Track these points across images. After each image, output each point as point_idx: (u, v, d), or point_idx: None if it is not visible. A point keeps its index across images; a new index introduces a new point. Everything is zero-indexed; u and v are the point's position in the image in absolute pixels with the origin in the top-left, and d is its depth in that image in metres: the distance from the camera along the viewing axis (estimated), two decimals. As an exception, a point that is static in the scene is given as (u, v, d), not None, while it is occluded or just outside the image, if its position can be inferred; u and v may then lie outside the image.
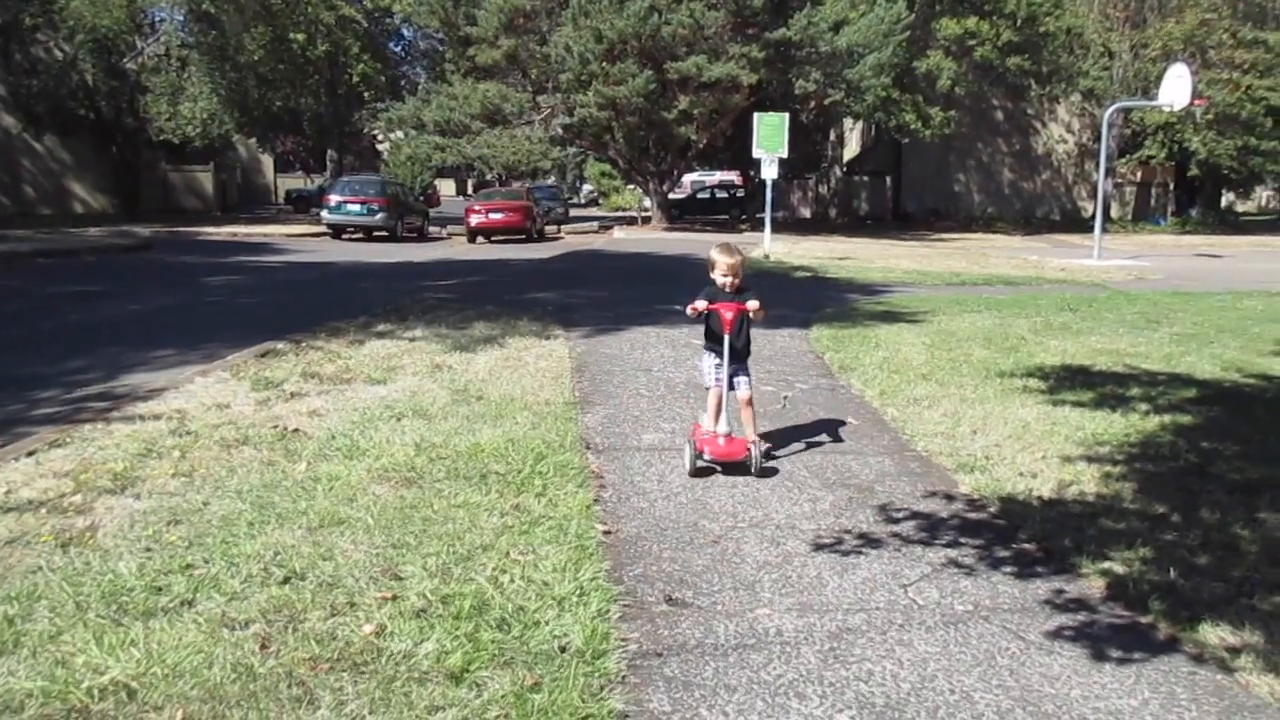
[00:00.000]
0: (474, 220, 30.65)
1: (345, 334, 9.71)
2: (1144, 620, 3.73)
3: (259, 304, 13.62)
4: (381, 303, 12.27)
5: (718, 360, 5.47)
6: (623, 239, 31.56)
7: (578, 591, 3.76)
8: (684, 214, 42.85)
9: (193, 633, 3.35)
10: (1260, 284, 17.41)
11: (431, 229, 34.16)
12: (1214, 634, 3.57)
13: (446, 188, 73.78)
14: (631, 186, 48.75)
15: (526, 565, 4.01)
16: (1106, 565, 4.22)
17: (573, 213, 48.41)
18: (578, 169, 67.35)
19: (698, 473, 5.41)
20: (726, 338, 5.34)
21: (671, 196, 41.32)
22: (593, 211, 57.25)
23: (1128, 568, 4.20)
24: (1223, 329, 11.49)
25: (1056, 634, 3.61)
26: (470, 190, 63.67)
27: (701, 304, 5.37)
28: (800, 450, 6.03)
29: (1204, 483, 5.43)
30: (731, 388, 5.49)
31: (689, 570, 4.13)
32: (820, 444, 6.20)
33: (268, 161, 55.04)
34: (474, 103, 33.54)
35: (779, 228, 28.34)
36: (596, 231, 37.25)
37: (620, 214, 49.24)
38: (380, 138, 53.10)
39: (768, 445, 5.67)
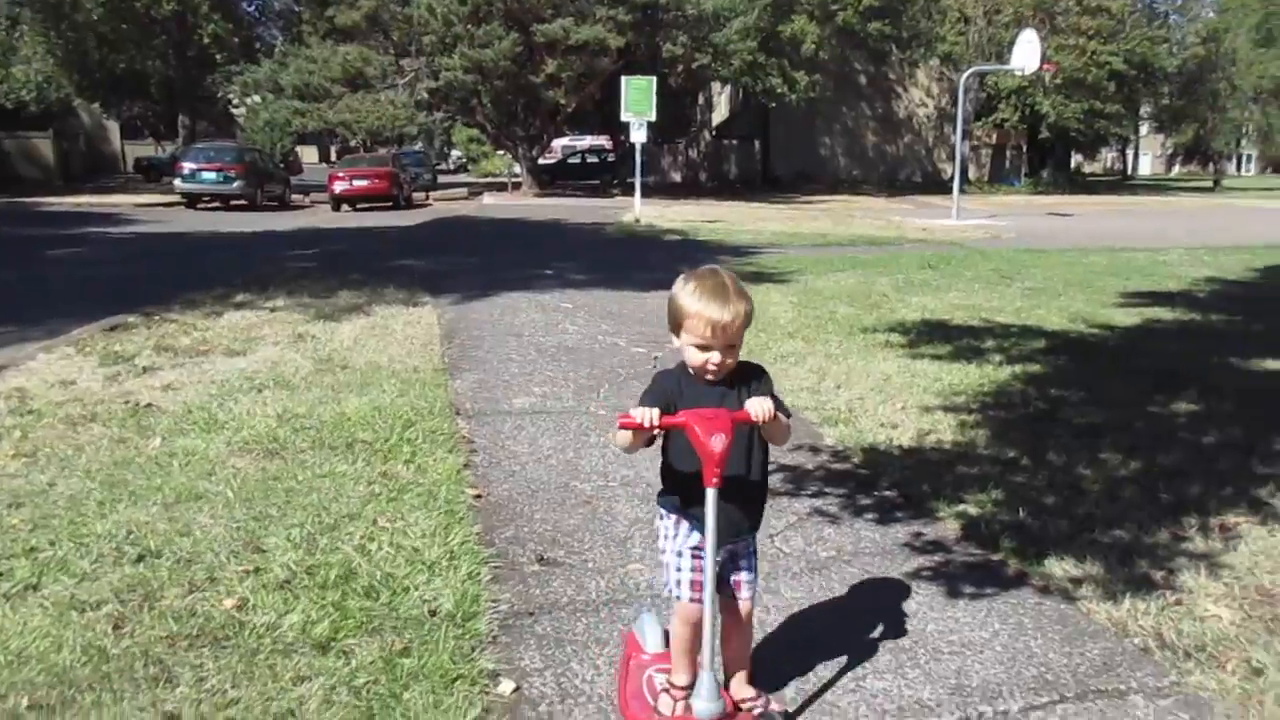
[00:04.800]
0: (338, 187, 29.78)
1: (201, 305, 9.33)
2: (995, 558, 3.91)
3: (108, 277, 12.94)
4: (240, 273, 11.83)
5: (695, 539, 2.54)
6: (493, 205, 31.18)
7: (448, 556, 3.73)
8: (555, 179, 42.57)
9: (39, 617, 3.19)
10: (1105, 241, 18.37)
11: (294, 197, 33.06)
12: (1059, 567, 3.77)
13: (308, 155, 71.34)
14: (501, 152, 48.07)
15: (395, 532, 3.94)
16: (961, 508, 4.40)
17: (441, 179, 47.48)
18: (445, 135, 65.91)
19: None
20: (711, 492, 2.35)
21: (542, 162, 41.00)
22: (462, 178, 56.27)
23: (981, 510, 4.39)
24: (1070, 283, 12.08)
25: (914, 574, 3.75)
26: (334, 157, 61.68)
27: (650, 413, 2.35)
28: (671, 409, 6.09)
29: (1051, 427, 5.71)
30: (727, 593, 2.64)
31: (561, 530, 4.14)
32: (690, 402, 6.27)
33: (114, 128, 52.18)
34: (334, 66, 32.52)
35: (650, 192, 28.45)
36: (466, 198, 36.68)
37: (490, 180, 48.56)
38: (235, 102, 50.85)
39: (778, 707, 2.76)
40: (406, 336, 8.03)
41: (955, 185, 25.94)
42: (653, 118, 22.84)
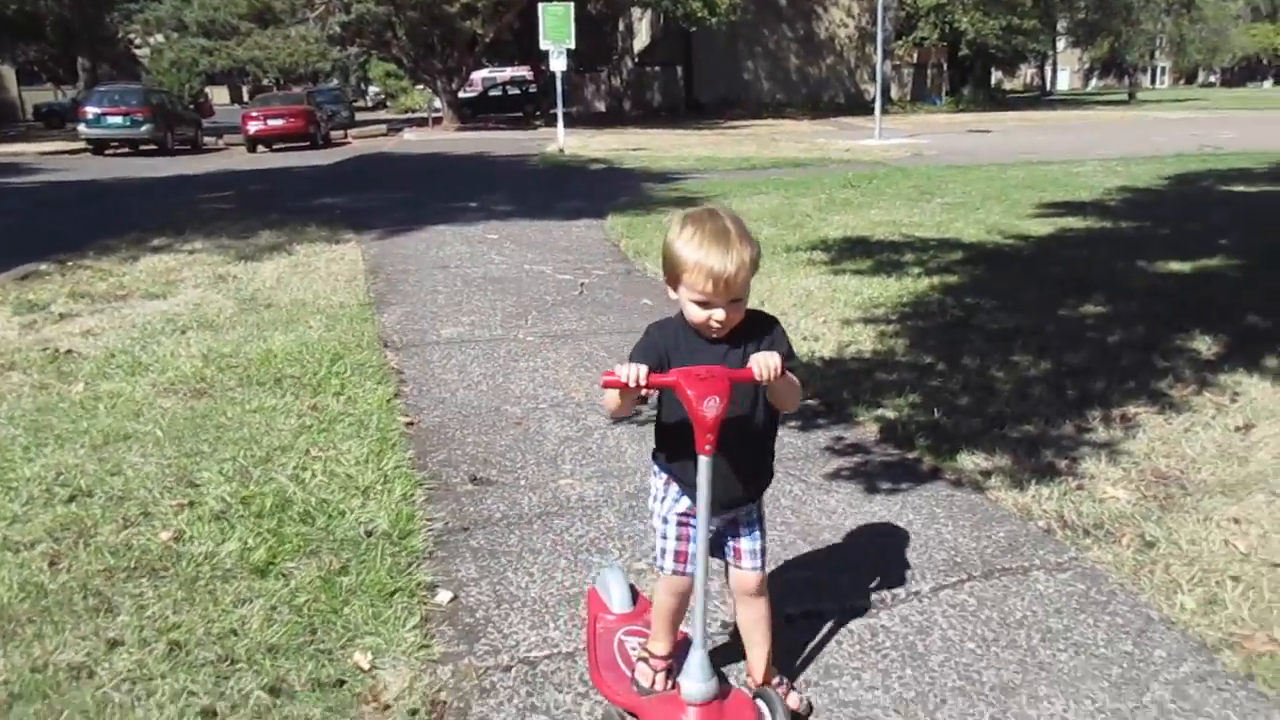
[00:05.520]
0: (252, 128, 28.93)
1: (116, 251, 9.12)
2: (911, 456, 4.09)
3: (15, 227, 12.52)
4: (155, 218, 11.53)
5: (685, 504, 2.27)
6: (414, 141, 30.62)
7: (381, 480, 3.79)
8: (477, 113, 41.83)
9: (-29, 559, 3.20)
10: (1023, 155, 18.69)
11: (206, 139, 32.05)
12: (970, 461, 3.97)
13: (219, 96, 69.06)
14: (420, 87, 47.03)
15: (328, 461, 3.99)
16: (880, 412, 4.58)
17: (359, 116, 46.37)
18: (361, 70, 64.22)
19: None
20: (704, 460, 2.09)
21: (462, 95, 40.23)
22: (380, 115, 54.98)
23: (898, 413, 4.57)
24: (988, 197, 12.33)
25: (834, 475, 3.92)
26: (245, 97, 59.73)
27: (637, 370, 2.06)
28: (599, 332, 6.17)
29: (967, 334, 5.91)
30: (724, 556, 2.37)
31: (493, 451, 4.22)
32: (617, 325, 6.36)
33: (9, 74, 49.93)
34: (240, 1, 31.36)
35: (573, 122, 28.17)
36: (385, 135, 35.91)
37: (409, 116, 47.55)
38: (138, 43, 48.91)
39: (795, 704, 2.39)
40: (330, 273, 7.97)
41: (877, 105, 26.14)
42: (572, 45, 22.54)
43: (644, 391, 2.07)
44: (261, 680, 2.52)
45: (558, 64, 22.40)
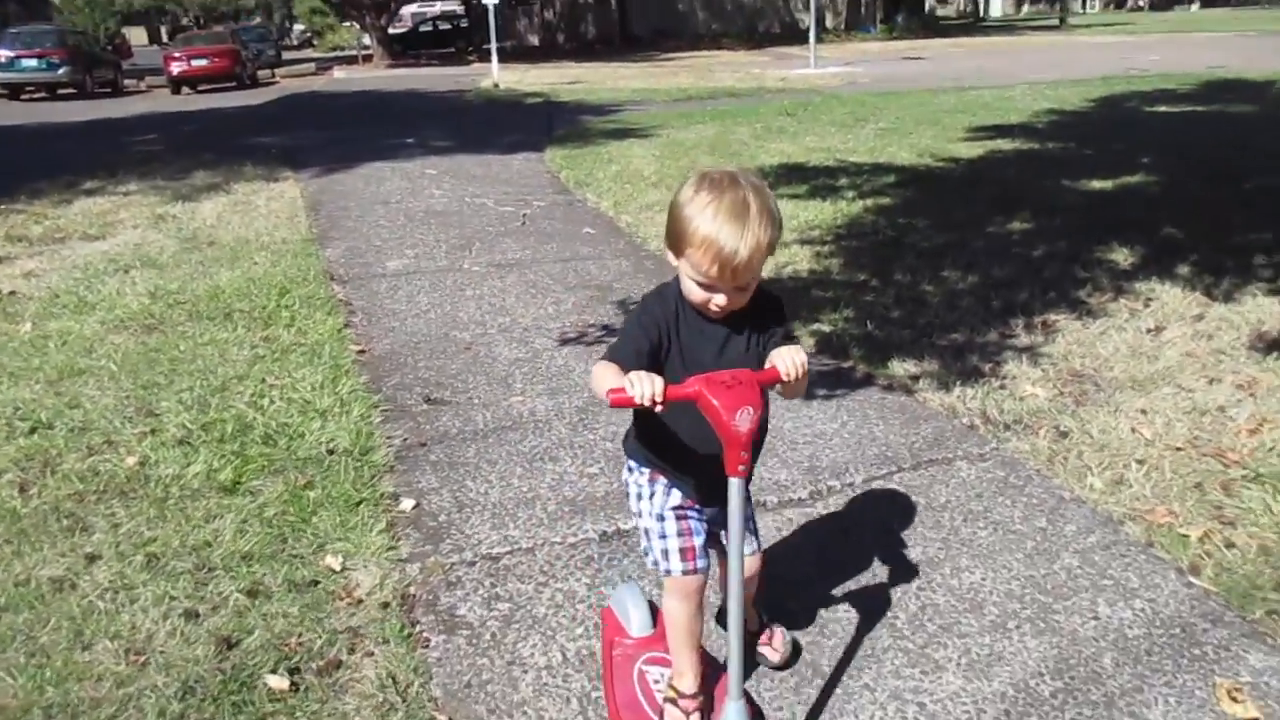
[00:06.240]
0: (175, 69, 28.09)
1: (49, 194, 8.97)
2: (845, 365, 4.31)
3: (-63, 174, 12.21)
4: (85, 161, 11.30)
5: (678, 497, 2.04)
6: (344, 79, 30.00)
7: (339, 404, 3.92)
8: (407, 49, 40.98)
9: (-61, 491, 3.28)
10: (955, 81, 18.90)
11: (127, 82, 31.07)
12: (901, 368, 4.19)
13: (137, 37, 66.44)
14: (347, 23, 45.92)
15: (284, 388, 4.10)
16: (816, 327, 4.78)
17: (286, 55, 45.20)
18: (285, 8, 62.42)
19: None
20: (735, 483, 1.78)
21: (392, 31, 39.35)
22: (308, 53, 53.62)
23: (834, 326, 4.78)
24: (920, 121, 12.54)
25: (773, 385, 4.11)
26: (165, 38, 57.75)
27: (651, 387, 1.68)
28: (543, 260, 6.29)
29: (899, 252, 6.13)
30: (719, 545, 2.15)
31: (445, 374, 4.36)
32: (560, 253, 6.48)
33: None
34: (157, -65, 30.24)
35: (507, 57, 27.81)
36: (315, 73, 35.08)
37: (338, 54, 46.44)
38: (49, -19, 47.00)
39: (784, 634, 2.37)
40: (271, 211, 7.95)
41: (812, 34, 26.13)
42: (504, -23, 22.16)
43: (659, 407, 1.69)
44: (239, 584, 2.67)
45: (490, -4, 22.04)
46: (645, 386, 1.66)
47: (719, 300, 1.81)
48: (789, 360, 1.78)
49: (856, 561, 2.77)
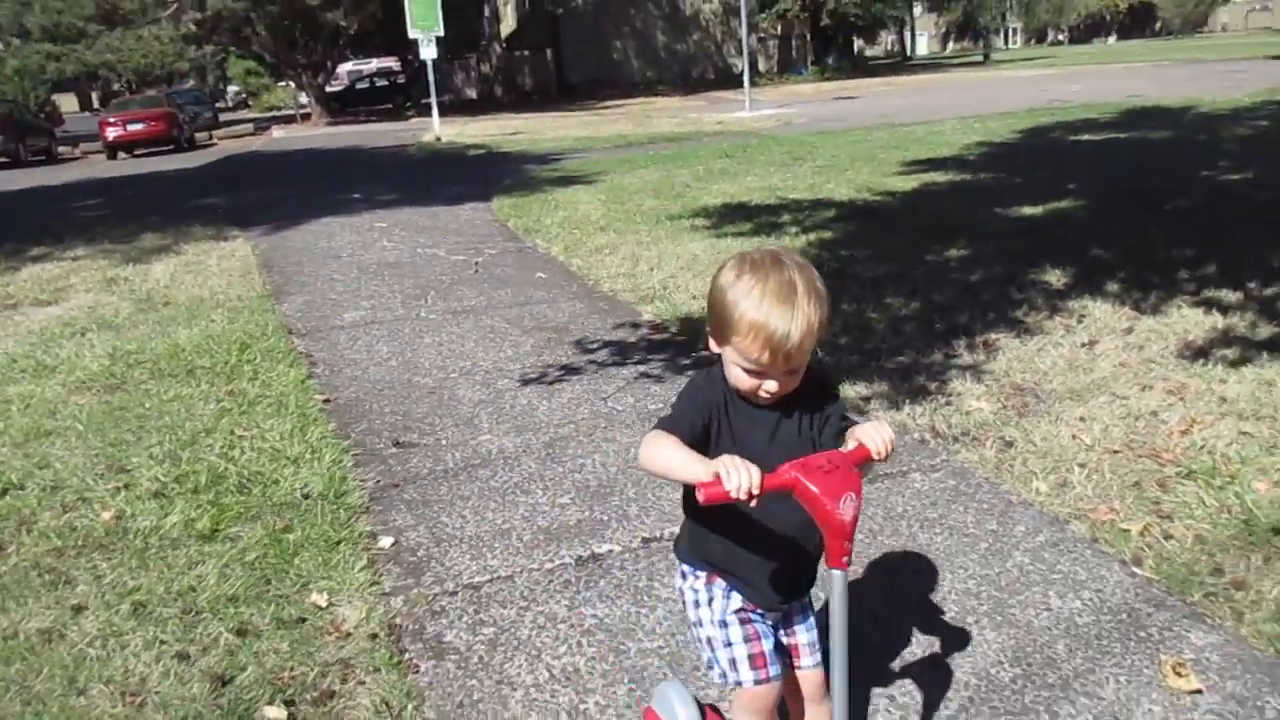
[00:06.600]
0: (111, 134, 27.91)
1: (-6, 263, 8.94)
2: (799, 390, 4.47)
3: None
4: (27, 229, 11.23)
5: (738, 600, 1.85)
6: (284, 138, 30.03)
7: (309, 450, 4.00)
8: (345, 107, 41.19)
9: (-85, 554, 3.30)
10: (887, 118, 19.46)
11: (61, 149, 30.81)
12: (852, 390, 4.37)
13: (68, 104, 65.78)
14: (283, 83, 45.99)
15: (254, 438, 4.17)
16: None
17: (223, 117, 45.07)
18: (219, 69, 62.32)
19: None
20: (838, 575, 1.62)
21: (329, 89, 39.50)
22: (244, 114, 53.49)
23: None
24: (856, 158, 12.92)
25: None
26: (96, 104, 57.26)
27: (749, 477, 1.48)
28: (499, 305, 6.42)
29: (843, 282, 6.34)
30: (793, 660, 1.95)
31: (411, 418, 4.45)
32: (515, 298, 6.62)
33: None
34: (85, 2, 30.14)
35: (446, 111, 28.05)
36: (253, 134, 35.05)
37: (275, 114, 46.42)
38: (-23, 51, 46.45)
39: None
40: (224, 269, 8.00)
41: (746, 78, 26.74)
42: (440, 32, 22.41)
43: (754, 501, 1.51)
44: (227, 624, 2.74)
45: (427, 52, 22.28)
46: (742, 477, 1.47)
47: (770, 387, 1.68)
48: (876, 438, 1.61)
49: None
